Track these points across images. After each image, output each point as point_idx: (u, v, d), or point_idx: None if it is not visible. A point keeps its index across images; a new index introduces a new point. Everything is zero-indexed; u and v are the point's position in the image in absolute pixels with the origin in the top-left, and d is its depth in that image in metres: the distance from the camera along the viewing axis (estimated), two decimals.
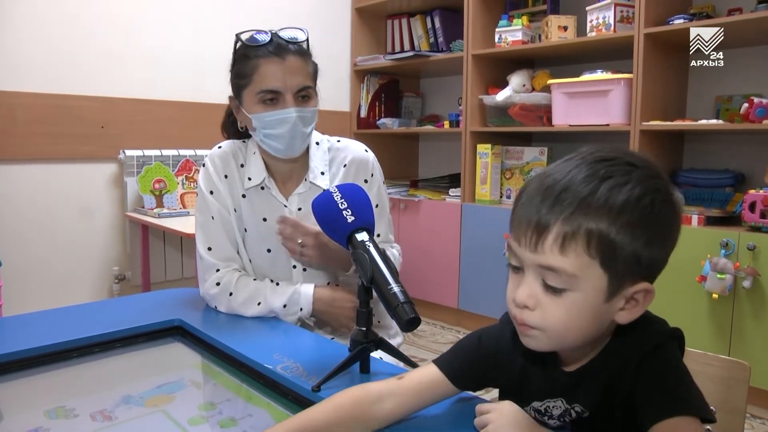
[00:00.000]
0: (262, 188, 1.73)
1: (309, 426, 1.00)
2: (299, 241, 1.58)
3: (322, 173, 1.75)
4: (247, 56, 1.62)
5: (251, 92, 1.62)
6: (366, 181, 1.77)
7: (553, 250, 0.84)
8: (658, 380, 0.88)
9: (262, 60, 1.59)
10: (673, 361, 0.90)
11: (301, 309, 1.63)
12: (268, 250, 1.73)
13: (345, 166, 1.77)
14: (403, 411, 1.06)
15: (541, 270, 0.87)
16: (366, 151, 1.81)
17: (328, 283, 1.77)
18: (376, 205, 1.74)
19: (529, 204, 0.87)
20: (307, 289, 1.62)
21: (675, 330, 0.94)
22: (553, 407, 0.99)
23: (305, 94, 1.64)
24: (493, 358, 1.07)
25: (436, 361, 1.10)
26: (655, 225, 0.85)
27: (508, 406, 1.00)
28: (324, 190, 1.67)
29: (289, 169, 1.75)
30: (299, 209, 1.72)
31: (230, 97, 1.72)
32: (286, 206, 1.72)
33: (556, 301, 0.87)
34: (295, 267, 1.74)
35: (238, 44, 1.66)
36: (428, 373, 1.09)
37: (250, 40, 1.62)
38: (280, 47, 1.60)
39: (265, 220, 1.72)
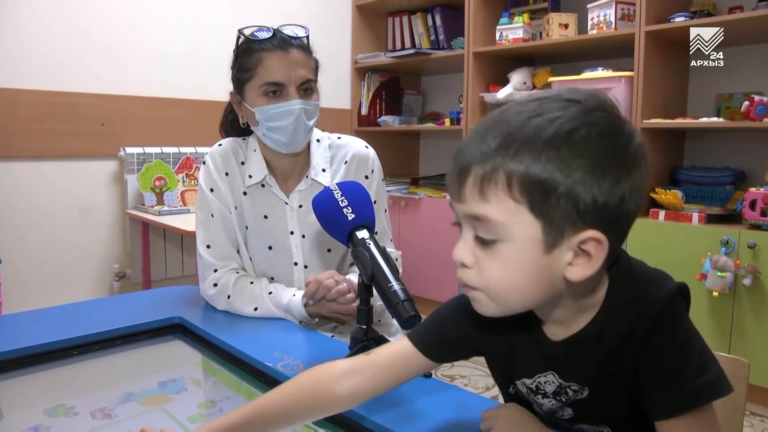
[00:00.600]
0: (263, 186, 1.73)
1: (264, 410, 0.96)
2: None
3: (323, 170, 1.75)
4: (251, 50, 1.62)
5: (255, 85, 1.62)
6: (366, 177, 1.78)
7: (473, 195, 0.78)
8: (664, 367, 0.80)
9: (266, 53, 1.60)
10: (682, 334, 0.81)
11: (295, 317, 1.62)
12: (269, 248, 1.73)
13: (346, 162, 1.77)
14: (371, 388, 0.98)
15: (470, 220, 0.80)
16: (366, 147, 1.82)
17: None
18: (375, 201, 1.73)
19: (457, 151, 0.82)
20: (298, 304, 1.59)
21: (678, 287, 0.83)
22: (545, 383, 0.92)
23: (308, 87, 1.65)
24: (471, 328, 0.96)
25: (409, 334, 1.01)
26: (592, 161, 0.74)
27: (513, 408, 0.97)
28: (325, 187, 1.67)
29: (290, 166, 1.75)
30: (300, 206, 1.72)
31: (231, 93, 1.72)
32: (287, 203, 1.72)
33: (490, 255, 0.79)
34: (296, 264, 1.74)
35: (241, 39, 1.66)
36: (400, 347, 1.00)
37: (253, 34, 1.63)
38: (283, 41, 1.62)
39: (266, 217, 1.72)
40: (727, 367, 1.16)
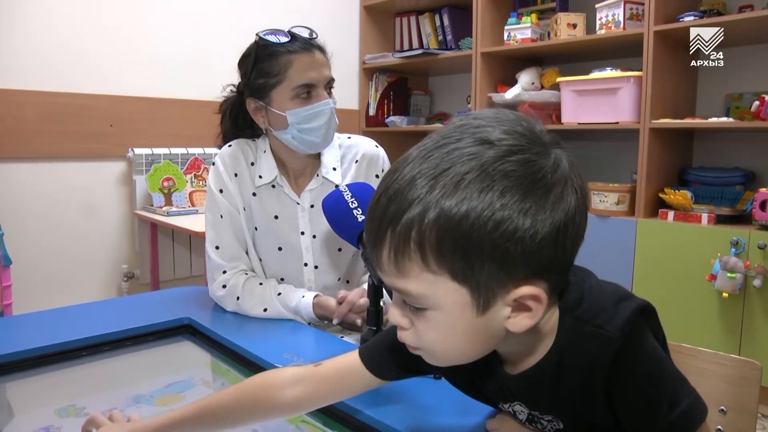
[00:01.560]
0: (273, 186, 1.73)
1: (210, 408, 0.98)
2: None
3: (334, 169, 1.75)
4: (276, 54, 1.62)
5: (285, 89, 1.62)
6: (377, 176, 1.79)
7: (390, 268, 0.73)
8: (635, 405, 0.77)
9: (294, 56, 1.61)
10: (644, 366, 0.76)
11: (303, 318, 1.62)
12: (279, 249, 1.73)
13: (356, 162, 1.78)
14: (314, 399, 0.98)
15: (395, 290, 0.76)
16: (376, 146, 1.83)
17: (339, 279, 1.78)
18: None
19: (368, 212, 0.76)
20: (307, 306, 1.60)
21: (634, 312, 0.76)
22: (517, 412, 0.90)
23: (331, 87, 1.69)
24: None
25: (359, 351, 0.99)
26: (511, 216, 0.68)
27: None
28: (336, 185, 1.68)
29: (303, 165, 1.75)
30: (312, 206, 1.72)
31: (248, 99, 1.70)
32: (298, 203, 1.73)
33: (423, 321, 0.75)
34: (306, 265, 1.74)
35: (261, 44, 1.65)
36: (348, 361, 0.98)
37: (271, 36, 1.63)
38: (307, 43, 1.63)
39: (276, 218, 1.72)
40: (739, 370, 1.17)
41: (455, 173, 0.68)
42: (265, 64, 1.63)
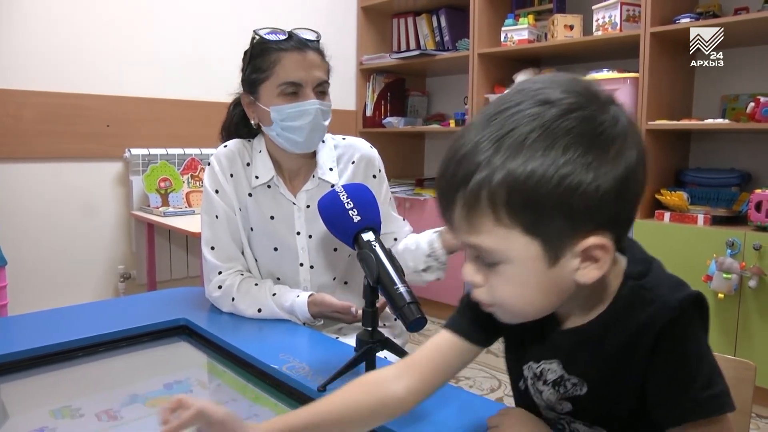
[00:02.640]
0: (269, 186, 1.73)
1: (323, 414, 0.91)
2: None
3: (331, 169, 1.76)
4: (267, 51, 1.64)
5: (271, 85, 1.64)
6: (374, 176, 1.80)
7: (462, 226, 0.77)
8: (678, 375, 0.80)
9: (284, 53, 1.62)
10: (694, 341, 0.80)
11: (298, 318, 1.62)
12: (275, 249, 1.73)
13: (353, 163, 1.78)
14: (423, 386, 0.96)
15: (467, 246, 0.80)
16: (371, 147, 1.84)
17: (334, 279, 1.78)
18: (389, 199, 1.83)
19: (438, 174, 0.79)
20: (302, 306, 1.60)
21: (695, 296, 0.81)
22: (548, 371, 0.92)
23: (323, 90, 1.68)
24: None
25: (445, 326, 1.01)
26: (576, 169, 0.71)
27: (519, 411, 0.98)
28: (332, 184, 1.69)
29: (298, 166, 1.75)
30: (308, 206, 1.72)
31: (243, 94, 1.73)
32: (294, 203, 1.73)
33: (496, 275, 0.79)
34: (302, 265, 1.74)
35: (256, 40, 1.67)
36: (441, 339, 1.00)
37: (270, 34, 1.65)
38: (301, 42, 1.64)
39: (272, 218, 1.72)
40: (734, 370, 1.17)
41: (519, 134, 0.72)
42: (258, 60, 1.65)
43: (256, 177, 1.72)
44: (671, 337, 0.79)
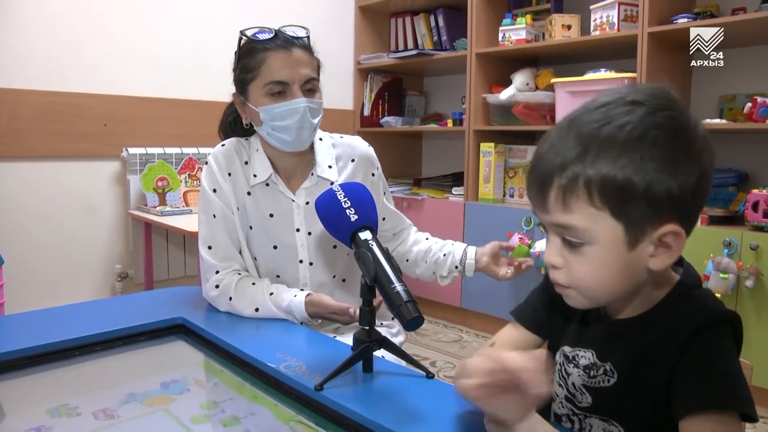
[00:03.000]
0: (268, 185, 1.73)
1: None
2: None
3: (330, 167, 1.76)
4: (254, 50, 1.64)
5: (258, 85, 1.64)
6: (373, 174, 1.81)
7: (557, 206, 0.85)
8: (703, 366, 0.85)
9: (270, 53, 1.62)
10: (725, 347, 0.87)
11: (296, 318, 1.62)
12: (275, 247, 1.73)
13: (353, 161, 1.79)
14: None
15: (556, 228, 0.88)
16: (369, 146, 1.85)
17: (334, 277, 1.78)
18: (385, 194, 1.86)
19: (534, 163, 0.89)
20: (299, 305, 1.59)
21: (732, 314, 0.89)
22: (581, 356, 0.98)
23: (311, 87, 1.67)
24: (553, 296, 1.02)
25: (513, 312, 1.13)
26: (663, 163, 0.81)
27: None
28: (331, 182, 1.69)
29: (294, 165, 1.75)
30: (307, 203, 1.73)
31: (234, 95, 1.73)
32: (293, 200, 1.73)
33: (578, 256, 0.86)
34: (301, 262, 1.74)
35: (243, 40, 1.67)
36: (514, 332, 1.10)
37: (256, 35, 1.65)
38: (286, 40, 1.63)
39: (271, 216, 1.72)
40: None
41: (613, 126, 0.81)
42: (246, 60, 1.65)
43: (254, 175, 1.72)
44: (703, 338, 0.85)
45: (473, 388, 0.85)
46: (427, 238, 1.96)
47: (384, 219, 1.88)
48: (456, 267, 1.84)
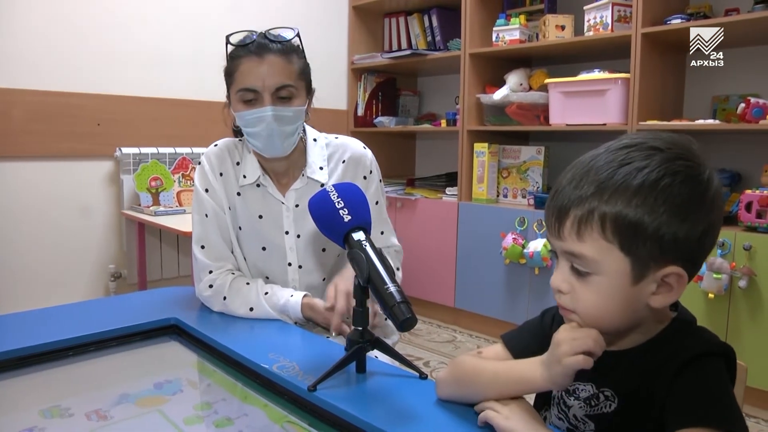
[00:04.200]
0: (258, 186, 1.73)
1: None
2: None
3: (321, 168, 1.75)
4: (233, 56, 1.64)
5: (233, 91, 1.64)
6: (365, 177, 1.78)
7: (571, 235, 0.89)
8: (694, 387, 0.88)
9: (243, 59, 1.61)
10: (718, 373, 0.89)
11: (290, 317, 1.62)
12: (263, 248, 1.73)
13: (344, 162, 1.77)
14: None
15: (567, 255, 0.91)
16: (364, 148, 1.82)
17: (323, 279, 1.78)
18: (376, 203, 1.79)
19: (554, 192, 0.93)
20: (295, 306, 1.60)
21: (725, 346, 0.93)
22: (581, 390, 1.01)
23: (286, 94, 1.62)
24: (547, 332, 1.07)
25: (503, 336, 1.14)
26: (675, 207, 0.85)
27: (520, 400, 1.00)
28: (321, 183, 1.69)
29: (284, 167, 1.75)
30: (297, 206, 1.72)
31: (226, 97, 1.74)
32: (283, 203, 1.73)
33: (584, 285, 0.90)
34: (290, 264, 1.74)
35: (227, 45, 1.67)
36: (501, 353, 1.12)
37: (233, 40, 1.65)
38: (260, 46, 1.60)
39: (261, 217, 1.72)
40: None
41: (633, 167, 0.86)
42: (227, 64, 1.66)
43: (244, 176, 1.72)
44: (698, 364, 0.89)
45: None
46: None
47: None
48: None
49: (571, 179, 0.91)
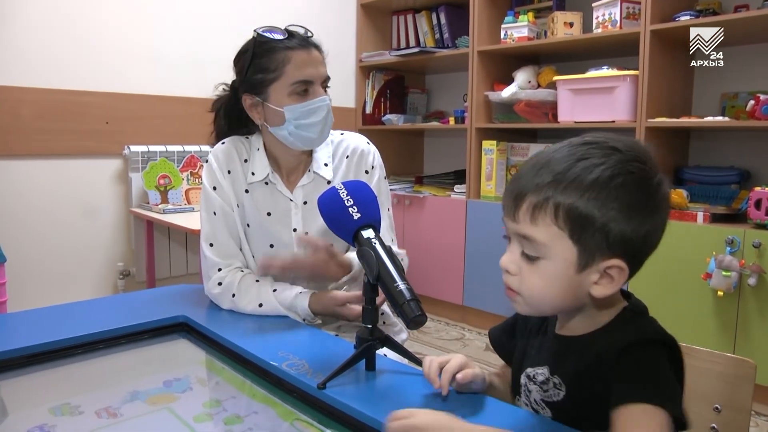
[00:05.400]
0: (266, 183, 1.73)
1: None
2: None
3: (326, 165, 1.77)
4: (273, 50, 1.63)
5: (282, 85, 1.64)
6: (366, 172, 1.79)
7: (525, 218, 0.94)
8: (630, 369, 0.91)
9: (292, 52, 1.62)
10: (651, 358, 0.92)
11: (299, 315, 1.62)
12: (271, 246, 1.73)
13: (347, 157, 1.79)
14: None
15: (519, 238, 0.96)
16: (368, 143, 1.83)
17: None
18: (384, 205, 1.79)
19: (514, 179, 0.98)
20: (302, 302, 1.59)
21: (666, 335, 0.96)
22: (539, 374, 1.06)
23: (327, 85, 1.70)
24: (518, 325, 1.17)
25: (490, 332, 1.26)
26: (625, 204, 0.90)
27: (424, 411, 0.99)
28: (327, 180, 1.70)
29: (296, 162, 1.76)
30: (305, 203, 1.73)
31: (245, 96, 1.70)
32: (291, 200, 1.73)
33: (532, 268, 0.95)
34: None
35: (258, 40, 1.66)
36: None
37: (274, 34, 1.65)
38: (304, 40, 1.65)
39: (269, 214, 1.72)
40: (733, 368, 1.18)
41: (590, 163, 0.91)
42: (263, 60, 1.64)
43: (252, 174, 1.72)
44: (637, 349, 0.92)
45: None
46: None
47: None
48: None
49: (531, 167, 0.96)
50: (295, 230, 1.73)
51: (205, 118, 1.97)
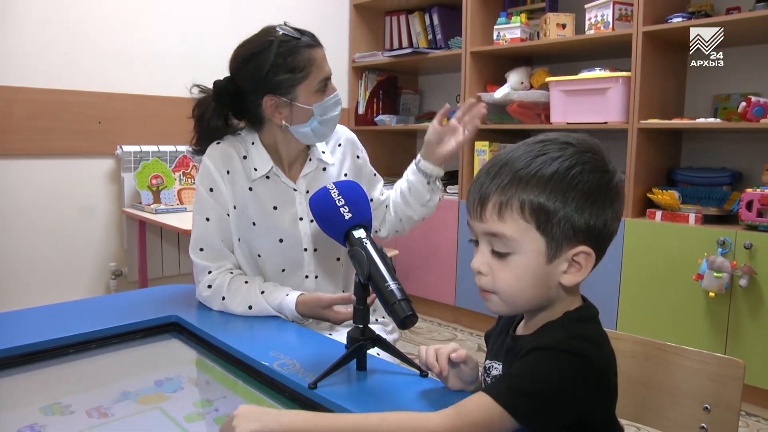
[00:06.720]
0: (268, 177, 1.73)
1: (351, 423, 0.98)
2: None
3: (323, 152, 1.83)
4: (297, 50, 1.64)
5: (311, 84, 1.67)
6: (358, 156, 1.90)
7: (492, 216, 0.97)
8: (516, 369, 0.95)
9: (314, 51, 1.67)
10: (543, 365, 0.92)
11: (287, 317, 1.62)
12: (280, 240, 1.72)
13: (340, 145, 1.88)
14: None
15: (488, 237, 0.99)
16: (351, 132, 1.96)
17: (338, 259, 1.83)
18: (374, 174, 1.97)
19: (476, 181, 1.01)
20: (290, 303, 1.60)
21: (586, 349, 0.93)
22: (494, 368, 1.10)
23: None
24: (500, 323, 1.18)
25: (486, 336, 1.24)
26: (584, 192, 0.94)
27: (243, 406, 1.00)
28: (329, 165, 1.79)
29: (297, 153, 1.80)
30: (308, 191, 1.74)
31: (266, 98, 1.67)
32: (295, 190, 1.74)
33: (503, 265, 0.98)
34: (306, 250, 1.76)
35: (282, 39, 1.64)
36: None
37: (296, 34, 1.66)
38: (315, 38, 1.70)
39: (275, 208, 1.72)
40: (724, 368, 1.18)
41: (548, 157, 0.95)
42: (289, 60, 1.63)
43: (255, 169, 1.72)
44: (537, 352, 0.94)
45: None
46: (388, 189, 2.02)
47: (382, 194, 1.97)
48: (427, 182, 1.94)
49: (490, 170, 0.99)
50: (301, 219, 1.73)
51: None
